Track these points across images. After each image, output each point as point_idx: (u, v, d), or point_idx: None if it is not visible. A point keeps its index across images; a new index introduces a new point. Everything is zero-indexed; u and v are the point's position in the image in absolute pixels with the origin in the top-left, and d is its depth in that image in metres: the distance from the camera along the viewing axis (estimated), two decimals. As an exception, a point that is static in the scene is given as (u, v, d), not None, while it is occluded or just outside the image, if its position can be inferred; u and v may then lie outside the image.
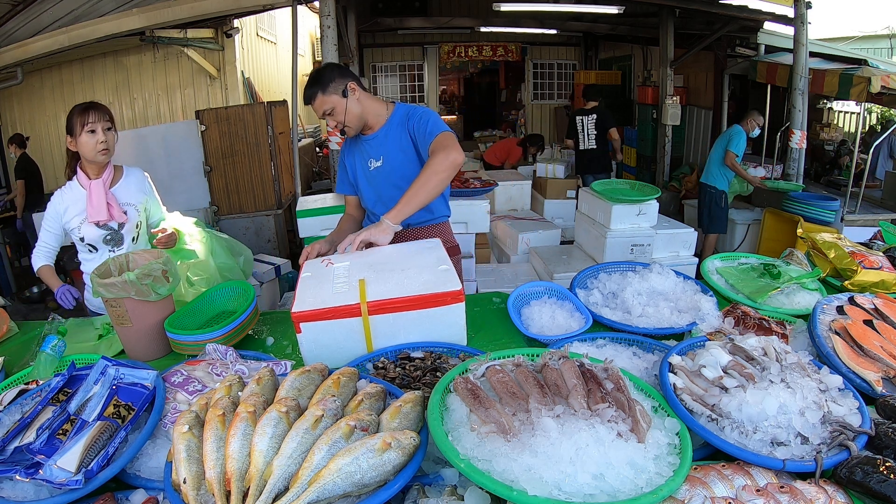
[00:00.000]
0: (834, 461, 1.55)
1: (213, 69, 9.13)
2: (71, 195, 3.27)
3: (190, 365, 2.17)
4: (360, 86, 3.02)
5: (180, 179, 7.60)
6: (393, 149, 3.07)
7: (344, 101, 2.94)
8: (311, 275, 2.52)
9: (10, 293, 7.98)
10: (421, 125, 2.98)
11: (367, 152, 3.14)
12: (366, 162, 3.15)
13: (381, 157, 3.10)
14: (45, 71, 9.20)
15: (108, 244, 3.32)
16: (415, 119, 3.02)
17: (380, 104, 3.11)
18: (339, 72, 2.98)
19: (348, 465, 1.38)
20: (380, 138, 3.09)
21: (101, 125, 3.16)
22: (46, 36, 7.15)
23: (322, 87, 2.91)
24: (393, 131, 3.07)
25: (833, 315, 2.39)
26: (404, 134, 3.05)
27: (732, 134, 7.38)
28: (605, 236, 4.89)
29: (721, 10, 8.66)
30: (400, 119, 3.08)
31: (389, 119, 3.09)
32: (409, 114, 3.07)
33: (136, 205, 3.35)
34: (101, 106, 3.21)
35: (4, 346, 2.81)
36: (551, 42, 16.42)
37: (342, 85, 2.93)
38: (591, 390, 1.68)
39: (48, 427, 1.72)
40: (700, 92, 11.50)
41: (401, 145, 3.06)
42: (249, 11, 8.22)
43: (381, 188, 3.14)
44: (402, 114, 3.09)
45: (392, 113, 3.10)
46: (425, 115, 3.02)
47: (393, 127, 3.08)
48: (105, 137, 3.17)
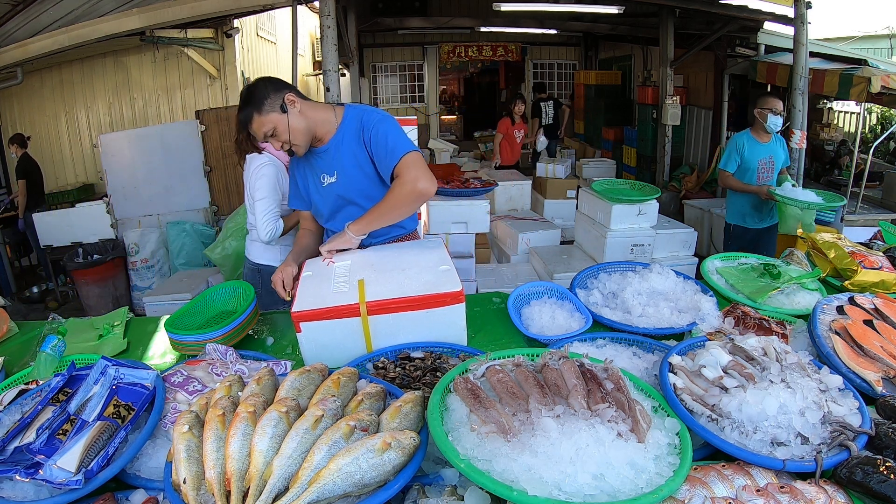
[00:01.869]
0: (834, 461, 1.55)
1: (213, 69, 9.13)
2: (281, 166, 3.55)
3: (190, 365, 2.17)
4: (299, 96, 2.70)
5: (180, 179, 7.62)
6: (347, 164, 2.79)
7: (284, 117, 2.63)
8: (312, 274, 2.52)
9: (10, 293, 7.98)
10: (380, 141, 2.70)
11: (318, 167, 2.86)
12: (318, 177, 2.88)
13: (335, 173, 2.82)
14: (46, 71, 9.20)
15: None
16: (371, 131, 2.72)
17: (326, 111, 2.80)
18: (273, 85, 2.65)
19: (348, 465, 1.38)
20: (331, 152, 2.80)
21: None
22: (46, 36, 7.15)
23: (256, 106, 2.60)
24: (346, 143, 2.78)
25: (833, 315, 2.39)
26: (360, 148, 2.77)
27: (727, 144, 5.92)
28: (605, 236, 4.89)
29: (721, 10, 8.66)
30: (353, 128, 2.78)
31: (340, 127, 2.79)
32: (362, 122, 2.76)
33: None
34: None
35: (4, 346, 2.81)
36: (551, 42, 16.44)
37: (279, 99, 2.62)
38: (591, 390, 1.68)
39: (48, 427, 1.72)
40: (700, 92, 11.49)
41: (356, 160, 2.79)
42: (249, 11, 8.21)
43: (336, 205, 2.90)
44: (354, 122, 2.78)
45: (342, 120, 2.80)
46: (383, 128, 2.72)
47: (345, 138, 2.78)
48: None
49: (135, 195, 7.70)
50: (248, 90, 2.64)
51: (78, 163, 9.89)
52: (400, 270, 2.39)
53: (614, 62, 15.35)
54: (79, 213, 7.65)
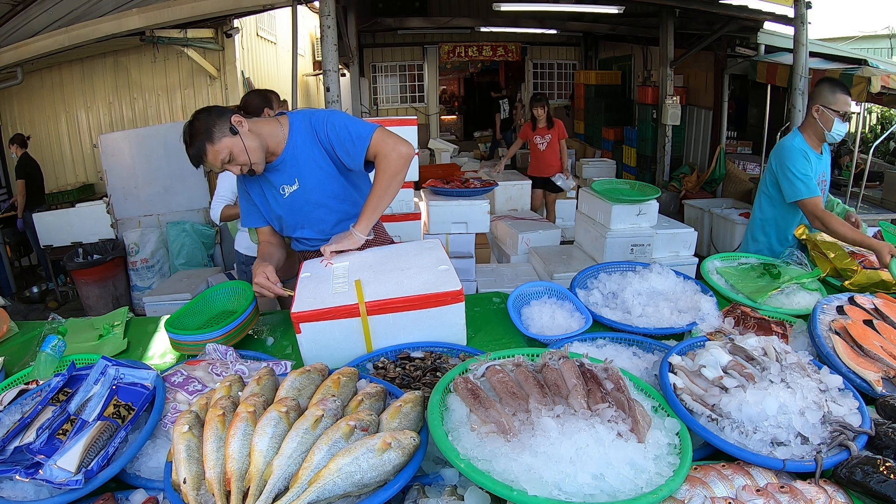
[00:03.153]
0: (834, 461, 1.55)
1: (213, 69, 9.12)
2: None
3: (190, 365, 2.18)
4: (243, 115, 2.65)
5: (180, 179, 7.62)
6: (307, 168, 2.78)
7: (237, 138, 2.56)
8: (311, 275, 2.52)
9: (11, 293, 7.98)
10: (340, 133, 2.69)
11: (276, 180, 2.82)
12: (276, 190, 2.84)
13: (296, 180, 2.80)
14: (45, 71, 9.19)
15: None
16: (326, 127, 2.72)
17: (272, 124, 2.77)
18: (216, 112, 2.58)
19: (348, 465, 1.38)
20: (287, 162, 2.77)
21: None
22: (46, 36, 7.15)
23: (206, 136, 2.52)
24: (300, 149, 2.76)
25: (833, 315, 2.39)
26: (316, 149, 2.76)
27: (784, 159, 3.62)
28: (605, 236, 4.88)
29: (721, 10, 8.66)
30: (304, 133, 2.76)
31: (290, 137, 2.76)
32: (312, 124, 2.76)
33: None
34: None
35: (4, 346, 2.81)
36: (551, 42, 16.43)
37: (225, 123, 2.55)
38: (591, 390, 1.68)
39: (48, 427, 1.72)
40: (700, 92, 11.49)
41: (315, 162, 2.77)
42: (249, 11, 8.20)
43: (303, 211, 2.88)
44: (302, 126, 2.77)
45: (290, 128, 2.78)
46: (338, 121, 2.72)
47: (298, 145, 2.76)
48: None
49: (135, 195, 7.70)
50: (190, 126, 2.55)
51: (78, 163, 9.88)
52: (399, 270, 2.40)
53: (614, 62, 15.35)
54: (79, 213, 7.65)
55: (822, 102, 3.52)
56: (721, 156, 9.74)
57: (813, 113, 3.57)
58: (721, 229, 7.97)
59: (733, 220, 7.65)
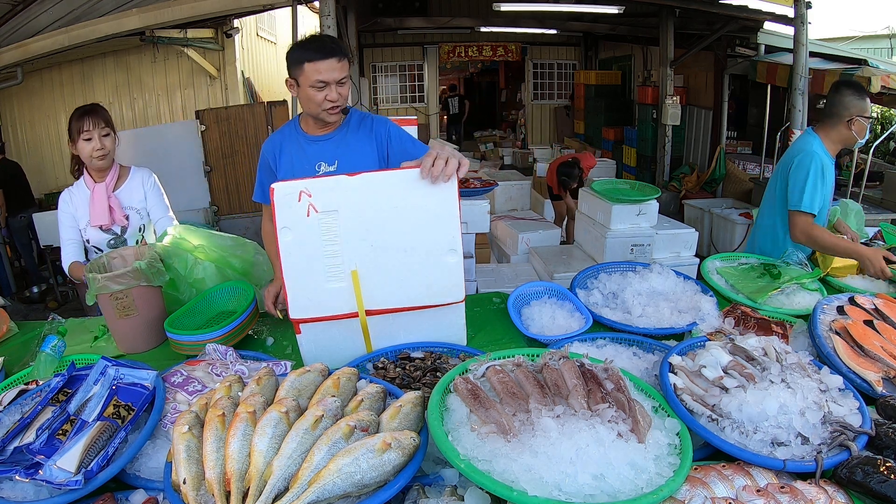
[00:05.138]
0: (834, 461, 1.55)
1: (213, 69, 9.14)
2: (79, 196, 3.28)
3: (190, 365, 2.17)
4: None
5: (180, 179, 7.62)
6: (352, 154, 2.80)
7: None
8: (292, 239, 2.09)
9: (11, 293, 7.97)
10: (399, 134, 2.82)
11: (315, 155, 2.81)
12: (312, 165, 2.80)
13: (336, 162, 2.80)
14: (45, 71, 9.20)
15: (111, 248, 3.30)
16: (382, 126, 2.82)
17: None
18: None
19: (348, 465, 1.38)
20: (335, 140, 2.81)
21: (98, 132, 3.12)
22: (46, 36, 7.15)
23: (345, 54, 2.63)
24: (352, 136, 2.81)
25: (833, 315, 2.39)
26: (367, 139, 2.81)
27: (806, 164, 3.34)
28: (605, 236, 4.88)
29: (721, 10, 8.67)
30: (358, 124, 2.84)
31: (347, 121, 2.84)
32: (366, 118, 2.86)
33: (138, 209, 3.33)
34: (97, 111, 3.17)
35: (4, 346, 2.81)
36: (551, 42, 16.44)
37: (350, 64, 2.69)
38: (592, 390, 1.68)
39: (48, 427, 1.71)
40: (700, 92, 11.50)
41: (361, 152, 2.80)
42: (249, 11, 8.22)
43: None
44: (357, 117, 2.86)
45: (348, 116, 2.84)
46: (390, 124, 2.84)
47: (351, 131, 2.82)
48: (101, 144, 3.14)
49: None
50: (331, 38, 2.64)
51: (78, 163, 9.87)
52: (402, 252, 2.14)
53: (614, 62, 15.36)
54: (79, 213, 7.56)
55: (857, 113, 3.30)
56: (721, 156, 9.75)
57: (848, 125, 3.32)
58: (721, 229, 7.97)
59: (733, 220, 7.66)
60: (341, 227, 2.08)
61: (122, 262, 2.78)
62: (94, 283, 2.54)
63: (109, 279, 2.54)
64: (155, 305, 2.72)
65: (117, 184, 3.28)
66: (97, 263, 2.75)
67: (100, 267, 2.72)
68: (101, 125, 3.13)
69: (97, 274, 2.57)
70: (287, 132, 2.87)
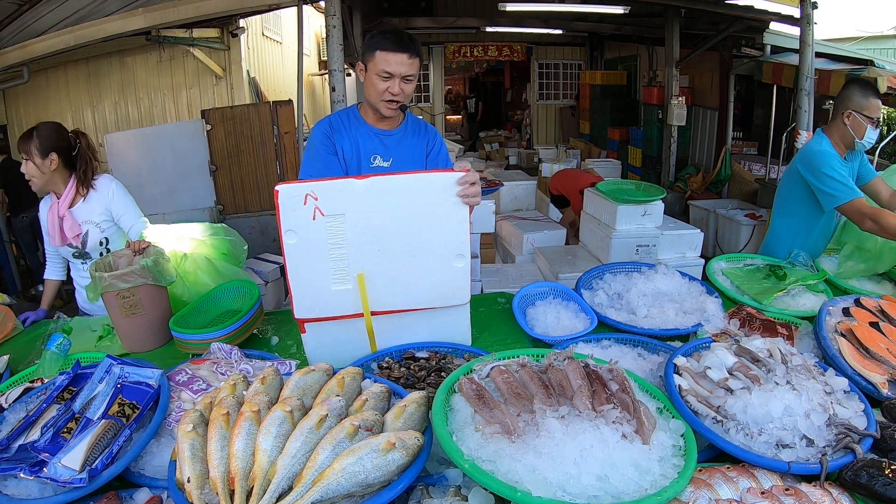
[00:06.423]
0: (839, 464, 1.55)
1: (218, 69, 9.14)
2: (44, 210, 3.31)
3: (194, 364, 2.18)
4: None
5: (186, 179, 7.61)
6: (407, 155, 2.87)
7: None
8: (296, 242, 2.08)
9: (16, 291, 7.98)
10: (442, 151, 2.95)
11: (374, 147, 2.84)
12: (368, 156, 2.83)
13: (391, 159, 2.85)
14: (51, 70, 9.20)
15: (78, 259, 3.35)
16: (436, 139, 2.96)
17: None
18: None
19: (352, 464, 1.38)
20: (396, 138, 2.88)
21: (31, 158, 3.08)
22: (52, 35, 7.16)
23: (420, 53, 2.70)
24: (411, 138, 2.91)
25: (839, 317, 2.38)
26: (420, 143, 2.92)
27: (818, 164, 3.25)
28: (610, 237, 4.87)
29: (727, 11, 8.63)
30: (415, 126, 2.95)
31: (406, 122, 2.93)
32: (425, 126, 2.99)
33: (98, 222, 3.27)
34: (28, 136, 3.09)
35: (10, 344, 2.82)
36: (557, 42, 16.40)
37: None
38: (596, 391, 1.68)
39: (53, 425, 1.72)
40: (706, 92, 11.47)
41: (413, 154, 2.89)
42: (255, 11, 8.22)
43: None
44: (414, 121, 2.97)
45: (406, 117, 2.94)
46: (439, 136, 2.97)
47: (409, 131, 2.92)
48: (27, 169, 3.10)
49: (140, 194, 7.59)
50: (410, 37, 2.66)
51: (83, 162, 9.89)
52: (409, 256, 2.14)
53: (620, 62, 15.33)
54: (84, 212, 7.57)
55: (854, 108, 3.21)
56: (727, 156, 9.73)
57: (843, 119, 3.25)
58: (726, 230, 7.95)
59: (739, 220, 7.63)
60: (348, 230, 2.07)
61: (127, 261, 2.78)
62: (100, 282, 2.54)
63: (116, 277, 2.55)
64: (160, 304, 2.73)
65: (75, 199, 3.24)
66: (103, 262, 2.75)
67: (105, 266, 2.72)
68: (29, 150, 3.07)
69: (104, 272, 2.58)
70: (345, 119, 2.88)
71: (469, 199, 2.09)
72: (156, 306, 2.69)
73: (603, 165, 11.86)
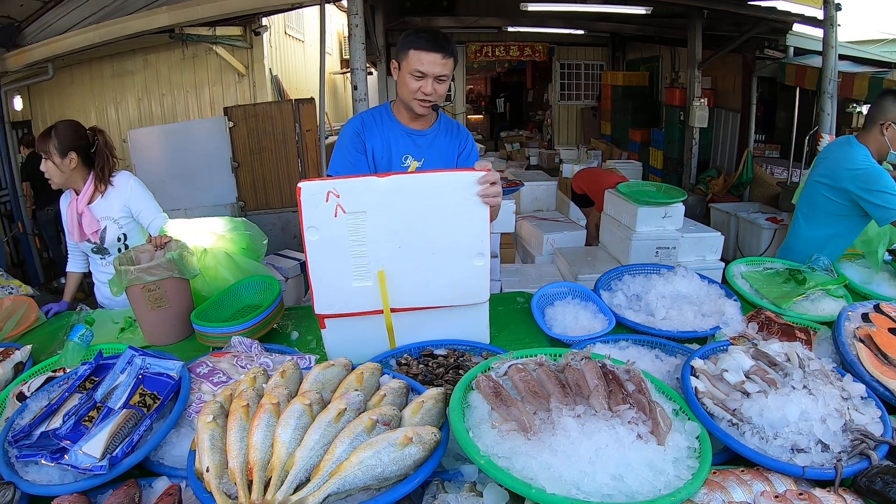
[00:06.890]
0: (854, 470, 1.54)
1: (241, 66, 9.20)
2: (64, 205, 3.35)
3: (215, 357, 2.21)
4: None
5: (208, 175, 7.68)
6: (439, 155, 2.87)
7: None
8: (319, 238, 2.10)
9: (39, 283, 8.08)
10: (474, 152, 2.92)
11: (407, 147, 2.83)
12: (400, 156, 2.83)
13: (423, 159, 2.85)
14: (76, 67, 9.30)
15: (97, 254, 3.39)
16: (468, 140, 2.93)
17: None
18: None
19: (369, 458, 1.40)
20: (429, 138, 2.86)
21: (49, 157, 3.12)
22: (77, 32, 7.23)
23: (455, 54, 2.66)
24: (443, 138, 2.89)
25: (858, 322, 2.36)
26: (453, 144, 2.90)
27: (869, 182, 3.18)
28: (630, 238, 4.86)
29: (749, 12, 8.56)
30: (447, 127, 2.92)
31: (439, 123, 2.91)
32: (457, 127, 2.96)
33: (116, 218, 3.30)
34: (47, 135, 3.12)
35: (33, 334, 2.87)
36: (578, 42, 16.33)
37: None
38: (613, 391, 1.68)
39: (75, 413, 1.75)
40: (728, 94, 11.37)
41: (444, 155, 2.88)
42: (277, 10, 8.26)
43: None
44: (446, 121, 2.94)
45: (439, 117, 2.92)
46: (474, 150, 2.94)
47: (442, 132, 2.90)
48: (45, 168, 3.14)
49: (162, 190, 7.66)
50: (445, 36, 2.63)
51: (107, 157, 9.99)
52: (430, 254, 2.16)
53: (642, 63, 15.23)
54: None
55: (893, 119, 3.16)
56: (749, 159, 9.64)
57: (882, 129, 3.20)
58: (747, 233, 7.88)
59: (760, 224, 7.57)
60: (369, 227, 2.08)
61: (148, 256, 2.81)
62: (126, 276, 2.57)
63: (143, 270, 2.59)
64: (184, 297, 2.77)
65: (93, 196, 3.27)
66: (125, 257, 2.79)
67: (128, 261, 2.76)
68: (48, 150, 3.11)
69: (129, 266, 2.61)
70: (377, 117, 2.87)
71: (489, 199, 2.10)
72: (180, 299, 2.74)
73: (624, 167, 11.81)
